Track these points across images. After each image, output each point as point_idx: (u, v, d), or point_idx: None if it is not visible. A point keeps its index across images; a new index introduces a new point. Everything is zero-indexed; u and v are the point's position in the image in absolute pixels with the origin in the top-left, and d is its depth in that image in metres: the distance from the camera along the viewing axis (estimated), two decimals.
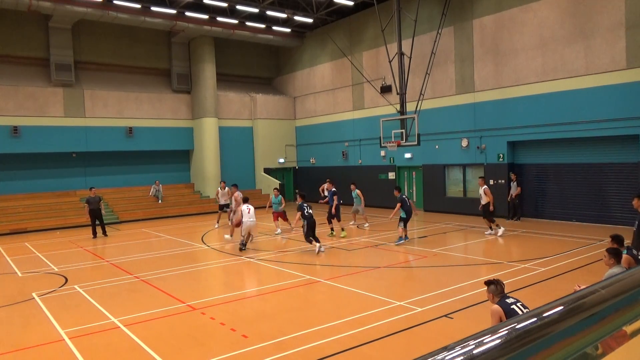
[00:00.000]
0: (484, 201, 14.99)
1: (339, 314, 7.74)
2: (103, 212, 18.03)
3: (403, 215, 14.01)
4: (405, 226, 14.09)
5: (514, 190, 17.73)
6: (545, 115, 17.05)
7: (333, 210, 16.03)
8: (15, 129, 21.63)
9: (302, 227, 13.53)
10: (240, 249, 13.77)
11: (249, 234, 14.25)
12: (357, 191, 17.57)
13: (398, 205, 14.03)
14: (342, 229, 16.03)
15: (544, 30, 17.00)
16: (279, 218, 17.22)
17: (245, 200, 14.74)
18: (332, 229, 16.28)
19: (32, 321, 8.03)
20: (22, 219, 20.69)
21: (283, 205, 17.28)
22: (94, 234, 17.63)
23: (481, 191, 15.16)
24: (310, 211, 13.46)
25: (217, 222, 19.55)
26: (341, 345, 6.40)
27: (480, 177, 16.03)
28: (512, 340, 0.92)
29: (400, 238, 14.01)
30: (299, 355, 6.18)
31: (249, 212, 14.05)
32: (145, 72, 26.51)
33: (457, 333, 6.71)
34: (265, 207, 18.38)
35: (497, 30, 18.45)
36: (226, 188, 19.34)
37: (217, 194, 20.20)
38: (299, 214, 13.48)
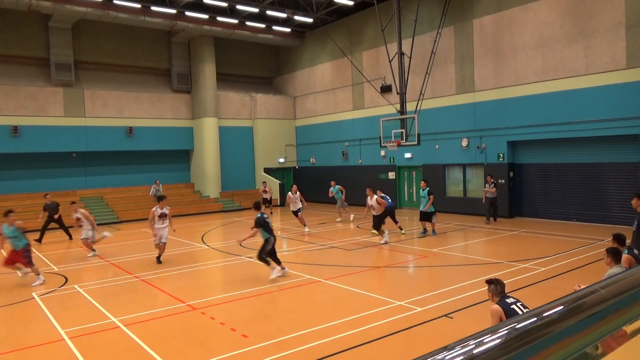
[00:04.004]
0: (376, 211, 14.46)
1: (339, 314, 7.74)
2: (56, 216, 16.83)
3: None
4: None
5: (491, 192, 17.19)
6: (546, 115, 17.05)
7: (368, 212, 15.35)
8: (15, 128, 21.63)
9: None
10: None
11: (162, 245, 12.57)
12: (338, 186, 19.72)
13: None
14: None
15: (544, 30, 16.99)
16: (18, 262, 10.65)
17: (160, 199, 12.54)
18: (400, 227, 15.89)
19: (33, 321, 8.03)
20: (22, 218, 20.58)
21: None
22: (40, 240, 16.59)
23: (372, 202, 14.52)
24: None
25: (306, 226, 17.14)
26: (341, 345, 6.40)
27: (368, 187, 14.94)
28: (512, 340, 0.92)
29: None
30: (299, 355, 6.18)
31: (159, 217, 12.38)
32: (145, 71, 26.51)
33: (457, 333, 6.71)
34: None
35: (497, 30, 18.45)
36: (297, 192, 17.52)
37: (288, 199, 17.97)
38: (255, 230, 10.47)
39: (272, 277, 10.19)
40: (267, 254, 10.39)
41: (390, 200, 15.65)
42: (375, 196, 14.56)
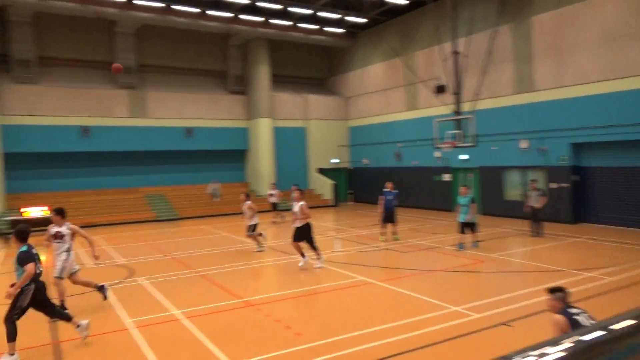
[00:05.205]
0: (300, 223, 11.14)
1: (392, 317, 7.71)
2: None
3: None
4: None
5: (536, 201, 14.93)
6: (611, 116, 16.11)
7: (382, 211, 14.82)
8: (85, 129, 23.07)
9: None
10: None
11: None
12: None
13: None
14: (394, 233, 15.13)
15: (608, 26, 16.06)
16: None
17: (57, 212, 8.53)
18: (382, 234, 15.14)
19: (106, 309, 8.54)
20: (90, 213, 21.99)
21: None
22: None
23: (297, 208, 11.19)
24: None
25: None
26: (395, 348, 6.37)
27: (295, 187, 12.25)
28: (577, 354, 0.90)
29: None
30: (352, 356, 6.21)
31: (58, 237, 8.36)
32: (202, 73, 27.48)
33: (516, 342, 6.50)
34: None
35: (558, 27, 17.63)
36: (248, 202, 14.03)
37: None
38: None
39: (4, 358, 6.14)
40: (19, 311, 6.34)
41: (392, 198, 14.54)
42: (302, 202, 11.15)
